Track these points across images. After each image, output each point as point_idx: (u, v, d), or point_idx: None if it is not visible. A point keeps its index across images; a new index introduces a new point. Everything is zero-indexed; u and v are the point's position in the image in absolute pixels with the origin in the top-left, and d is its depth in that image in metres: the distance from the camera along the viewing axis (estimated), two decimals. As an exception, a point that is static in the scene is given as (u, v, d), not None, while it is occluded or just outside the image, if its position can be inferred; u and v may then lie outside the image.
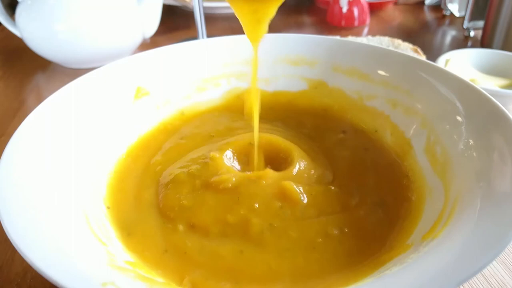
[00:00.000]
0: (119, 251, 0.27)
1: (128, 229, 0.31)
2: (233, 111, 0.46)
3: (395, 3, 1.11)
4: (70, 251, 0.24)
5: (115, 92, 0.40)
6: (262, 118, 0.45)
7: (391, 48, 0.58)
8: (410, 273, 0.21)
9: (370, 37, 0.63)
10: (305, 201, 0.32)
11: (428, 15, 1.04)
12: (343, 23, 0.95)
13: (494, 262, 0.33)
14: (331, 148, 0.40)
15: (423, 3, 1.11)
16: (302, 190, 0.33)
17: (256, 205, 0.31)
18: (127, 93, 0.41)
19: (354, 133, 0.42)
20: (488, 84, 0.53)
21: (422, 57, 0.56)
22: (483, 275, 0.32)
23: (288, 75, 0.46)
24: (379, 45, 0.58)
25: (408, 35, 0.91)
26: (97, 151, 0.36)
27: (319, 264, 0.28)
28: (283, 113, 0.45)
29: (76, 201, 0.29)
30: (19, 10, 0.74)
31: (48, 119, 0.33)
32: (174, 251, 0.30)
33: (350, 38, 0.63)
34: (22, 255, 0.24)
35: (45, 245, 0.23)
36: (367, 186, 0.35)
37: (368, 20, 0.97)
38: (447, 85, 0.36)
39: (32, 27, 0.72)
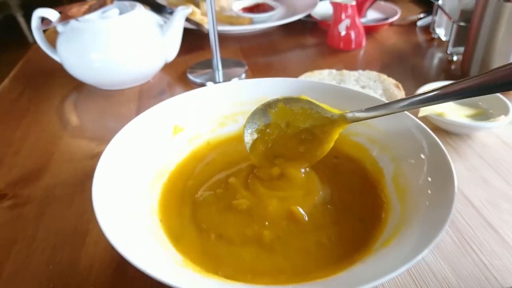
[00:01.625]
0: (175, 254, 0.40)
1: (176, 238, 0.43)
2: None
3: (391, 24, 1.22)
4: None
5: (159, 131, 0.52)
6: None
7: (377, 82, 0.70)
8: (367, 268, 0.34)
9: (361, 71, 0.74)
10: (306, 219, 0.44)
11: (420, 37, 1.14)
12: (341, 45, 1.06)
13: (440, 261, 0.45)
14: (328, 171, 0.51)
15: (416, 24, 1.22)
16: (306, 211, 0.44)
17: (267, 223, 0.43)
18: (167, 131, 0.53)
19: (344, 159, 0.54)
20: (455, 115, 0.64)
21: (402, 93, 0.67)
22: (431, 271, 0.44)
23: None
24: (368, 79, 0.69)
25: (399, 57, 1.02)
26: (148, 177, 0.48)
27: (312, 263, 0.40)
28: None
29: (144, 218, 0.41)
30: (59, 40, 0.85)
31: (114, 155, 0.45)
32: (210, 253, 0.41)
33: (344, 72, 0.74)
34: (120, 253, 0.34)
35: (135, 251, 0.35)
36: (353, 205, 0.47)
37: (364, 43, 1.07)
38: (414, 128, 0.47)
39: (71, 56, 0.83)
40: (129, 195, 0.43)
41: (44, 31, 0.88)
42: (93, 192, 0.39)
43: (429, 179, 0.42)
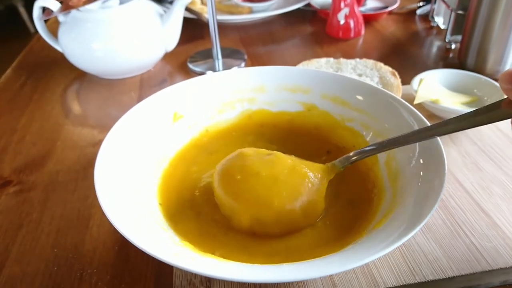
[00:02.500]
0: (173, 235, 0.41)
1: (175, 220, 0.45)
2: (244, 130, 0.59)
3: (390, 13, 1.22)
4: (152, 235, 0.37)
5: (159, 118, 0.54)
6: (268, 135, 0.58)
7: (374, 70, 0.71)
8: (357, 250, 0.35)
9: (358, 59, 0.75)
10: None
11: (419, 25, 1.15)
12: (340, 34, 1.06)
13: (432, 243, 0.46)
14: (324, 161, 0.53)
15: (415, 12, 1.22)
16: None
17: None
18: (167, 118, 0.54)
19: (337, 151, 0.55)
20: (450, 102, 0.65)
21: (397, 80, 0.68)
22: (423, 253, 0.46)
23: (288, 99, 0.59)
24: (365, 68, 0.70)
25: (398, 45, 1.03)
26: (149, 162, 0.50)
27: (306, 245, 0.42)
28: (284, 130, 0.59)
29: (144, 201, 0.43)
30: (61, 30, 0.86)
31: (115, 142, 0.47)
32: (206, 234, 0.43)
33: (342, 60, 0.75)
34: (122, 234, 0.35)
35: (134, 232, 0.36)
36: (346, 190, 0.48)
37: (363, 31, 1.08)
38: (406, 113, 0.49)
39: (73, 45, 0.84)
40: (130, 180, 0.45)
41: (46, 21, 0.89)
42: (95, 177, 0.41)
43: (421, 161, 0.44)
